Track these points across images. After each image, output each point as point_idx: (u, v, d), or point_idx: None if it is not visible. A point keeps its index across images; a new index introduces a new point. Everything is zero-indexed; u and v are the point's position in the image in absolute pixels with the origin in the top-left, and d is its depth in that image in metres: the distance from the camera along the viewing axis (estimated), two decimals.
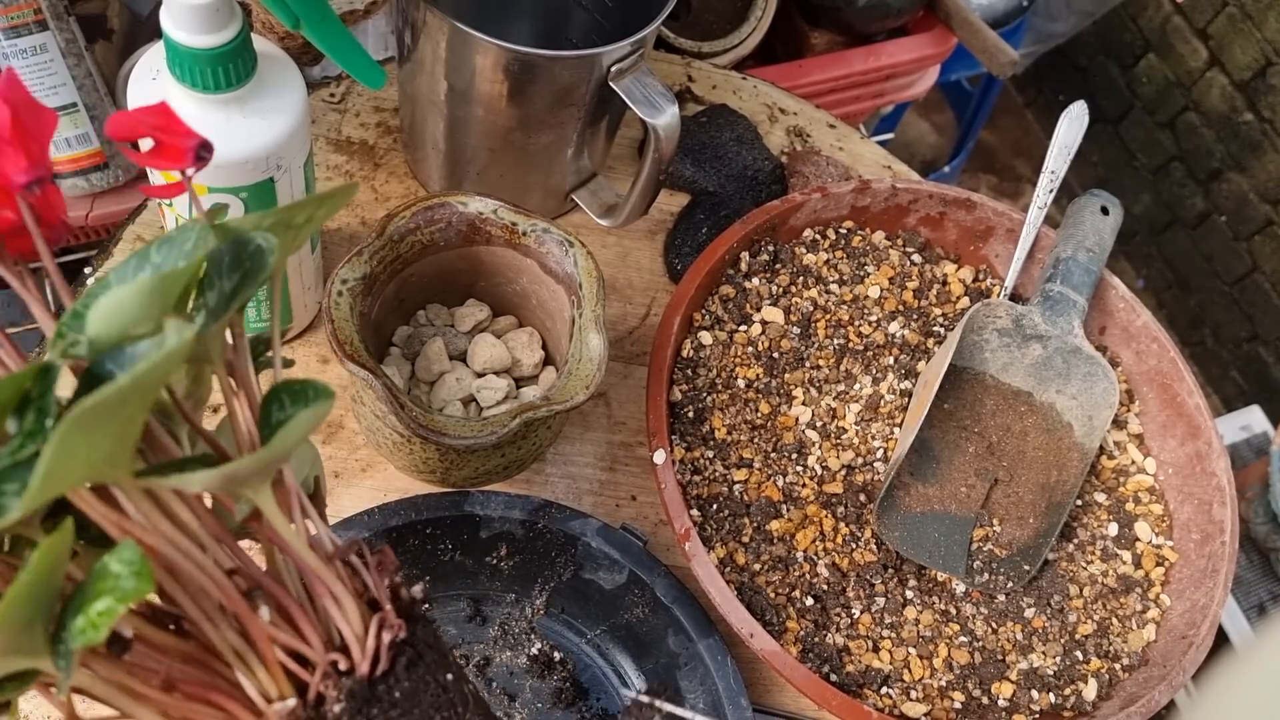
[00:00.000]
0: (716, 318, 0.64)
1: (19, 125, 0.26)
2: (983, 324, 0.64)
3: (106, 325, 0.24)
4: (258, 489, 0.26)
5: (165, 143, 0.30)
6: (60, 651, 0.23)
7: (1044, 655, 0.58)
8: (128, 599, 0.23)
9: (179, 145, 0.29)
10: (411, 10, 0.60)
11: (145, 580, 0.23)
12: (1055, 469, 0.63)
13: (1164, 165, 1.76)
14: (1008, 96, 2.03)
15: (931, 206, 0.69)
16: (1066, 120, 0.68)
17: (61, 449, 0.21)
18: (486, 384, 0.60)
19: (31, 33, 0.66)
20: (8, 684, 0.25)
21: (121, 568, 0.23)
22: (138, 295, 0.24)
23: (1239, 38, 1.56)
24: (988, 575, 0.60)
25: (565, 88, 0.61)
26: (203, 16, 0.45)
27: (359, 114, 0.76)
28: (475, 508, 0.55)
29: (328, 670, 0.29)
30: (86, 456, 0.22)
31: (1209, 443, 0.62)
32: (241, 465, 0.24)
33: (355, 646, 0.29)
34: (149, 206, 0.69)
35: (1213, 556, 0.59)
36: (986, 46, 0.99)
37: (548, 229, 0.57)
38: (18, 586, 0.22)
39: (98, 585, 0.23)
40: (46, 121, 0.27)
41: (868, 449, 0.62)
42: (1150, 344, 0.65)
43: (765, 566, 0.57)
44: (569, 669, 0.56)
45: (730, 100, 0.83)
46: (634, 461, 0.66)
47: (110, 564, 0.23)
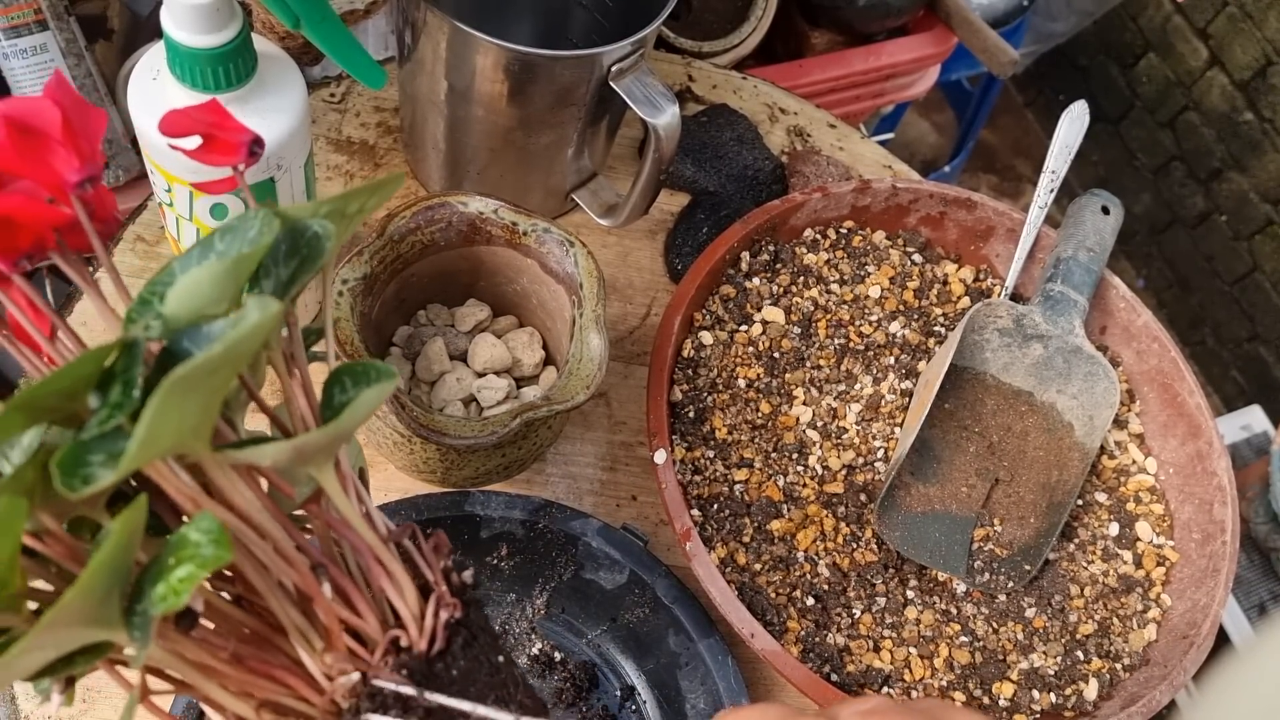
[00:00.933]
0: (717, 317, 0.64)
1: (69, 125, 0.27)
2: (983, 324, 0.64)
3: (182, 305, 0.25)
4: (322, 466, 0.27)
5: (218, 138, 0.30)
6: (135, 622, 0.24)
7: (1045, 655, 0.58)
8: (208, 565, 0.24)
9: (232, 140, 0.30)
10: (412, 10, 0.60)
11: (225, 547, 0.24)
12: (1056, 469, 0.63)
13: (1164, 165, 1.76)
14: (1008, 96, 2.03)
15: (932, 206, 0.69)
16: (1067, 120, 0.68)
17: (159, 413, 0.22)
18: (487, 384, 0.60)
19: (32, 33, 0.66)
20: (79, 657, 0.25)
21: (200, 536, 0.24)
22: (213, 277, 0.25)
23: (1239, 37, 1.56)
24: (988, 575, 0.60)
25: (566, 87, 0.61)
26: (203, 16, 0.45)
27: (359, 114, 0.76)
28: (476, 508, 0.55)
29: (387, 647, 0.29)
30: (177, 425, 0.23)
31: (1210, 442, 0.62)
32: (311, 438, 0.25)
33: (412, 625, 0.30)
34: (149, 206, 0.69)
35: (1213, 556, 0.59)
36: (987, 46, 0.99)
37: (548, 229, 0.57)
38: (102, 554, 0.22)
39: (178, 554, 0.24)
40: (96, 120, 0.28)
41: (868, 449, 0.62)
42: (1151, 344, 0.65)
43: (766, 566, 0.57)
44: (569, 669, 0.56)
45: (730, 100, 0.83)
46: (634, 461, 0.66)
47: (189, 534, 0.24)
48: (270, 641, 0.29)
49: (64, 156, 0.27)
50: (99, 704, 0.54)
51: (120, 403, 0.24)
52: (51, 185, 0.27)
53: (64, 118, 0.26)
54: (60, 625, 0.23)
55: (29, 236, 0.26)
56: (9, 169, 0.26)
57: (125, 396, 0.24)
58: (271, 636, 0.29)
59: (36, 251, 0.27)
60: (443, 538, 0.32)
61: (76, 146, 0.27)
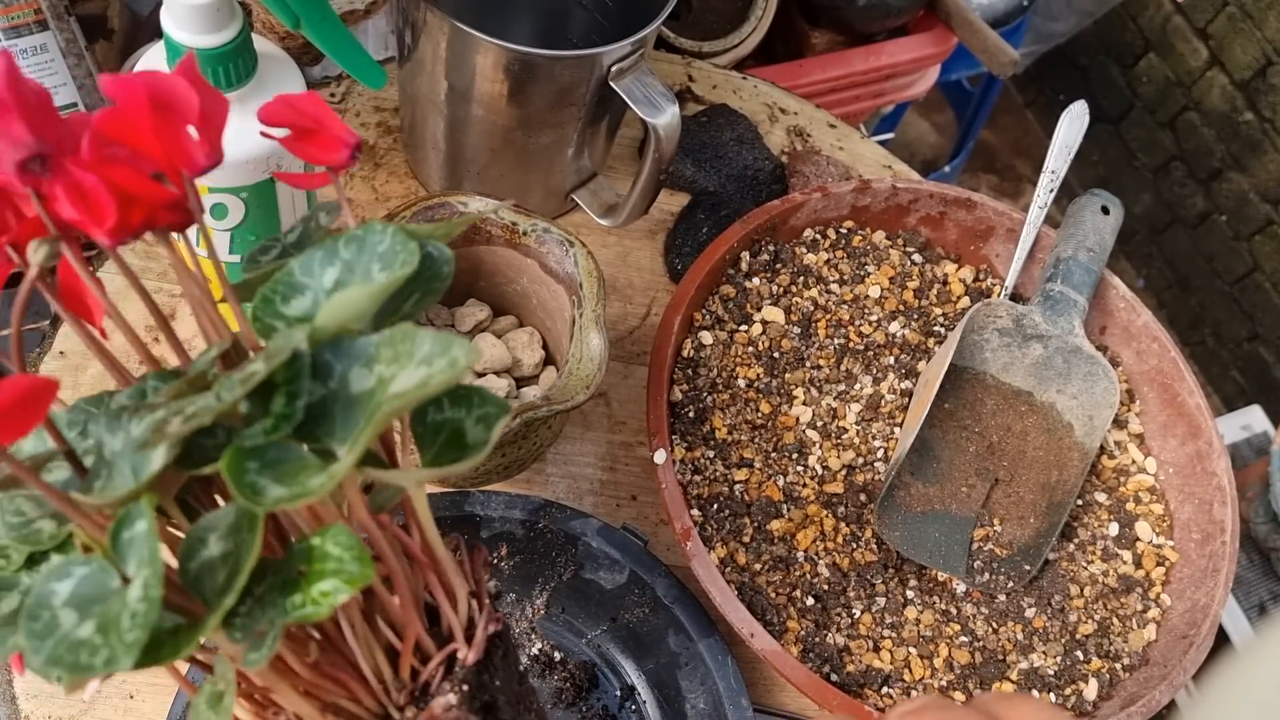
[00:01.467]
0: (717, 317, 0.64)
1: (204, 110, 0.27)
2: (983, 324, 0.64)
3: (333, 318, 0.25)
4: (419, 486, 0.28)
5: (318, 134, 0.30)
6: (237, 624, 0.24)
7: (1044, 655, 0.58)
8: (355, 582, 0.24)
9: (335, 138, 0.30)
10: (412, 10, 0.60)
11: (368, 565, 0.24)
12: (1056, 469, 0.63)
13: (1164, 165, 1.76)
14: (1008, 96, 2.03)
15: (932, 206, 0.69)
16: (1067, 120, 0.68)
17: (369, 437, 0.23)
18: (487, 384, 0.60)
19: (32, 32, 0.66)
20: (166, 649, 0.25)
21: (342, 551, 0.24)
22: (365, 297, 0.25)
23: (1239, 37, 1.56)
24: (988, 575, 0.60)
25: (565, 87, 0.61)
26: (203, 16, 0.45)
27: (359, 114, 0.76)
28: (475, 507, 0.55)
29: (443, 660, 0.30)
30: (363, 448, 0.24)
31: (1209, 442, 0.62)
32: (459, 468, 0.26)
33: (461, 636, 0.30)
34: None
35: (1213, 556, 0.59)
36: (987, 46, 0.99)
37: (548, 229, 0.57)
38: (242, 576, 0.23)
39: (315, 566, 0.25)
40: (221, 108, 0.28)
41: (868, 449, 0.62)
42: (1151, 344, 0.65)
43: (766, 566, 0.57)
44: (569, 669, 0.56)
45: (730, 100, 0.83)
46: (634, 461, 0.66)
47: (327, 547, 0.25)
48: (335, 645, 0.29)
49: (196, 140, 0.27)
50: (99, 704, 0.54)
51: (287, 414, 0.25)
52: (174, 165, 0.27)
53: (201, 103, 0.26)
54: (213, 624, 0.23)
55: (142, 213, 0.26)
56: (137, 141, 0.26)
57: (290, 408, 0.25)
58: (337, 639, 0.29)
59: (144, 228, 0.27)
60: (483, 550, 0.33)
61: (207, 132, 0.27)
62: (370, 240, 0.27)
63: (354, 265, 0.27)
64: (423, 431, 0.27)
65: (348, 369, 0.25)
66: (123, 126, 0.26)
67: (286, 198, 0.55)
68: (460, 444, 0.26)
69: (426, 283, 0.29)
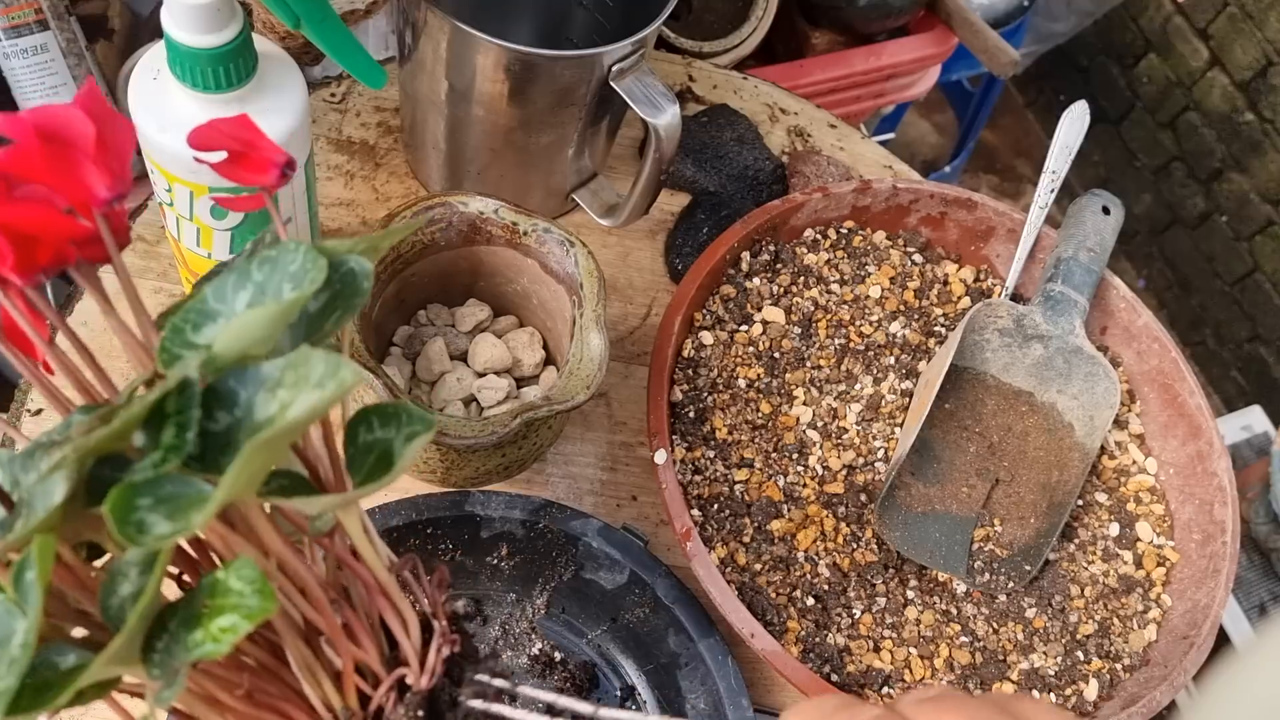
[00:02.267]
0: (717, 318, 0.64)
1: (103, 141, 0.26)
2: (984, 324, 0.64)
3: (232, 345, 0.24)
4: (350, 508, 0.27)
5: (248, 156, 0.30)
6: (155, 660, 0.24)
7: (1045, 655, 0.58)
8: (254, 617, 0.23)
9: (265, 159, 0.30)
10: (412, 10, 0.60)
11: (269, 599, 0.23)
12: (1056, 469, 0.63)
13: (1165, 165, 1.76)
14: (1008, 96, 2.03)
15: (932, 206, 0.69)
16: (1067, 120, 0.68)
17: (242, 472, 0.22)
18: (487, 384, 0.60)
19: (32, 32, 0.66)
20: (90, 691, 0.25)
21: (244, 585, 0.24)
22: (267, 320, 0.24)
23: (1240, 37, 1.56)
24: (989, 575, 0.60)
25: (566, 87, 0.61)
26: (204, 16, 0.45)
27: (360, 114, 0.76)
28: (476, 507, 0.55)
29: (393, 684, 0.29)
30: (248, 479, 0.23)
31: (1210, 443, 0.62)
32: (360, 492, 0.25)
33: (414, 661, 0.30)
34: (149, 207, 0.69)
35: (1214, 557, 0.59)
36: (987, 46, 0.99)
37: (549, 229, 0.57)
38: (142, 604, 0.22)
39: (216, 601, 0.24)
40: (126, 135, 0.27)
41: (869, 449, 0.62)
42: (1151, 344, 0.65)
43: (766, 566, 0.57)
44: (570, 669, 0.56)
45: (731, 100, 0.83)
46: (635, 461, 0.66)
47: (229, 581, 0.24)
48: (275, 674, 0.29)
49: (95, 173, 0.26)
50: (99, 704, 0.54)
51: (176, 445, 0.24)
52: (77, 199, 0.26)
53: (99, 133, 0.26)
54: (110, 664, 0.23)
55: (49, 251, 0.26)
56: (35, 179, 0.26)
57: (180, 439, 0.24)
58: (276, 669, 0.29)
59: (54, 265, 0.26)
60: (444, 571, 0.32)
61: (107, 163, 0.26)
62: (283, 261, 0.26)
63: (266, 287, 0.26)
64: (354, 453, 0.27)
65: (252, 396, 0.24)
66: (21, 164, 0.25)
67: (287, 199, 0.55)
68: (389, 463, 0.26)
69: (347, 299, 0.28)
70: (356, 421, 0.27)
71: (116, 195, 0.26)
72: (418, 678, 0.30)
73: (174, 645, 0.24)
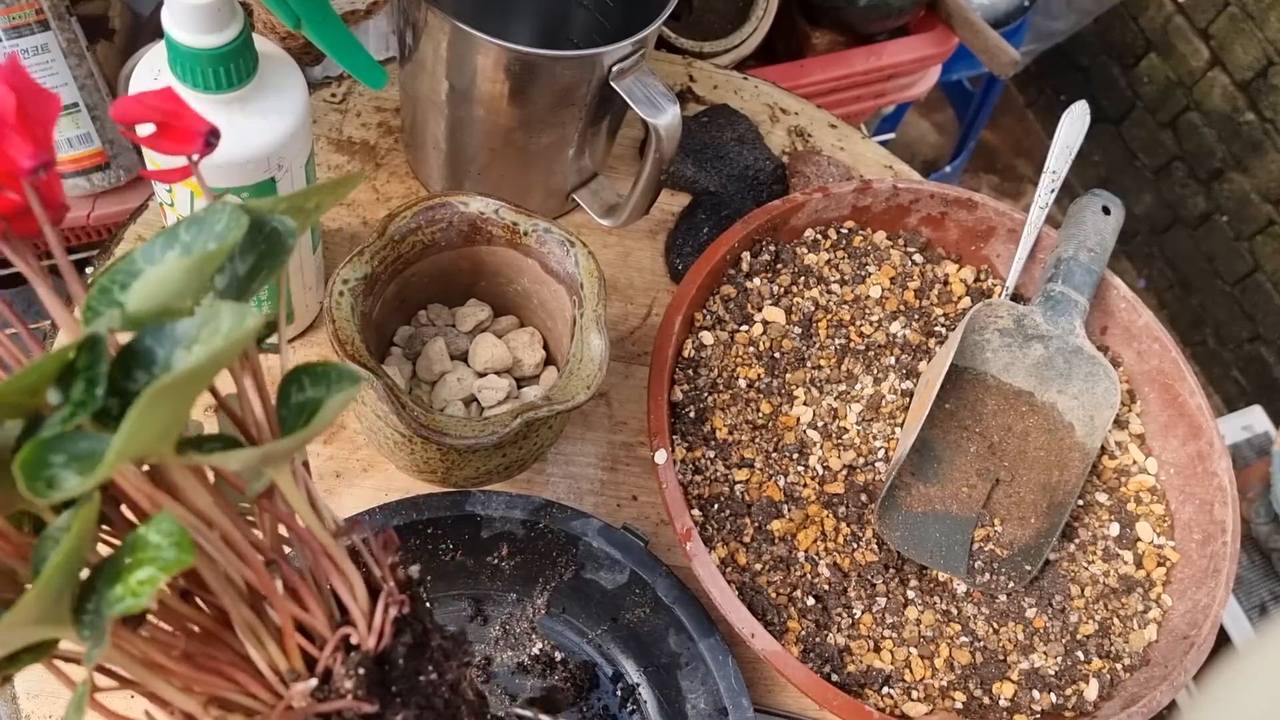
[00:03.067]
0: (718, 318, 0.64)
1: (24, 111, 0.26)
2: (984, 324, 0.64)
3: (147, 300, 0.24)
4: (280, 467, 0.27)
5: (173, 126, 0.30)
6: (86, 621, 0.24)
7: (1045, 655, 0.58)
8: (170, 568, 0.23)
9: (188, 129, 0.30)
10: (413, 10, 0.60)
11: (186, 550, 0.23)
12: (1057, 469, 0.63)
13: (1165, 165, 1.76)
14: (1009, 96, 2.03)
15: (933, 206, 0.69)
16: (1068, 120, 0.68)
17: (139, 422, 0.21)
18: (488, 384, 0.60)
19: (33, 32, 0.66)
20: (24, 655, 0.25)
21: (161, 539, 0.24)
22: (180, 273, 0.24)
23: (1240, 37, 1.56)
24: (989, 575, 0.60)
25: (566, 88, 0.61)
26: (204, 16, 0.45)
27: (360, 114, 0.76)
28: (476, 507, 0.55)
29: (338, 644, 0.29)
30: (152, 431, 0.23)
31: (1210, 443, 0.62)
32: (280, 445, 0.25)
33: (361, 622, 0.30)
34: (150, 207, 0.69)
35: (1214, 556, 0.59)
36: (988, 46, 0.99)
37: (549, 229, 0.57)
38: (60, 555, 0.22)
39: (136, 555, 0.24)
40: (50, 106, 0.27)
41: (869, 449, 0.62)
42: (1152, 344, 0.65)
43: (766, 566, 0.57)
44: (570, 669, 0.56)
45: (731, 100, 0.83)
46: (635, 461, 0.66)
47: (148, 535, 0.24)
48: (218, 637, 0.29)
49: (17, 143, 0.26)
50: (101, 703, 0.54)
51: (83, 401, 0.24)
52: (2, 171, 0.26)
53: (19, 103, 0.26)
54: (20, 623, 0.23)
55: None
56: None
57: (88, 395, 0.24)
58: (219, 632, 0.29)
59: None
60: (391, 534, 0.32)
61: (30, 132, 0.26)
62: (209, 221, 0.26)
63: (192, 247, 0.26)
64: (287, 414, 0.27)
65: (169, 354, 0.24)
66: None
67: None
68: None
69: (273, 259, 0.28)
70: (288, 382, 0.27)
71: (41, 164, 0.26)
72: (363, 637, 0.30)
73: (100, 603, 0.24)
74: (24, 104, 0.26)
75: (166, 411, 0.23)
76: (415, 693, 0.30)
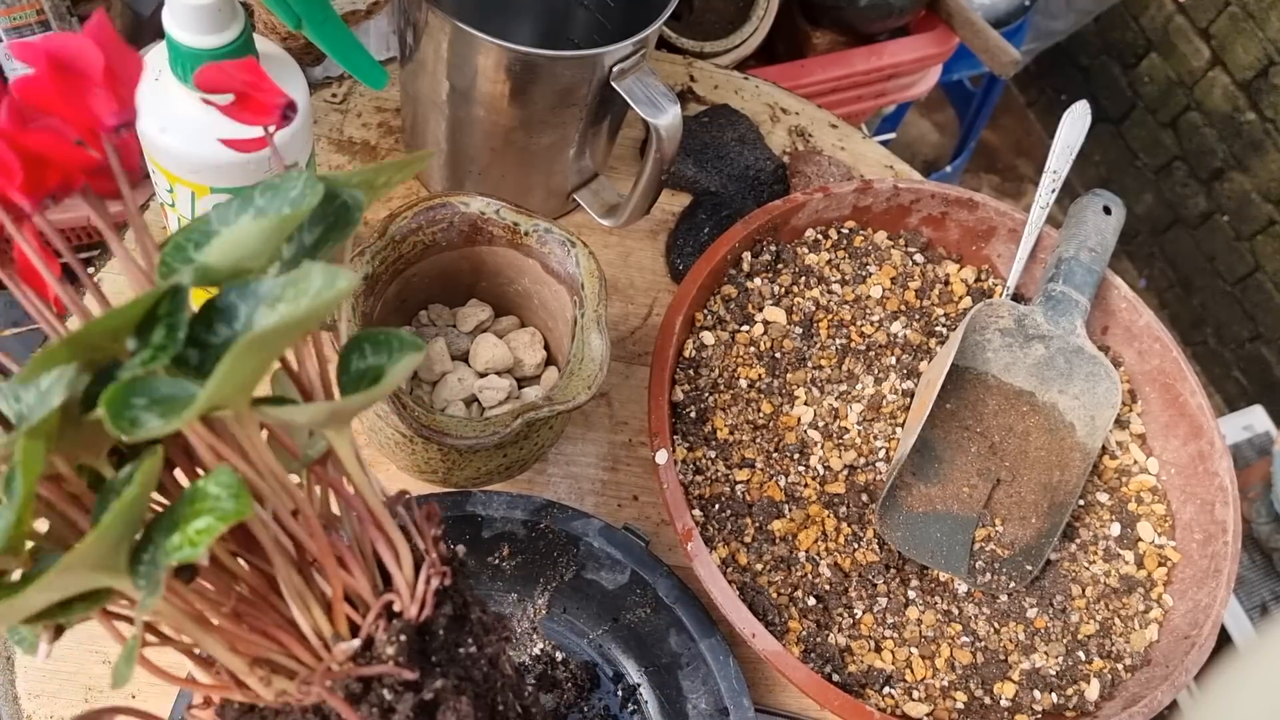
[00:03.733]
0: (718, 318, 0.64)
1: (110, 69, 0.27)
2: (985, 324, 0.64)
3: (225, 257, 0.25)
4: (340, 430, 0.28)
5: (252, 97, 0.31)
6: (142, 571, 0.24)
7: (1046, 655, 0.58)
8: (228, 518, 0.24)
9: (267, 101, 0.31)
10: (413, 10, 0.60)
11: (244, 503, 0.24)
12: (1058, 469, 0.63)
13: (1166, 165, 1.76)
14: (1010, 96, 2.03)
15: (933, 206, 0.69)
16: (1069, 120, 0.68)
17: (234, 368, 0.22)
18: (488, 384, 0.60)
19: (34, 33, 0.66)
20: (78, 603, 0.26)
21: (219, 490, 0.24)
22: (256, 234, 0.25)
23: (1241, 37, 1.56)
24: (990, 575, 0.60)
25: (567, 88, 0.61)
26: (205, 17, 0.45)
27: (361, 114, 0.76)
28: (477, 508, 0.55)
29: (381, 611, 0.30)
30: (239, 381, 0.23)
31: (1211, 442, 0.62)
32: (349, 402, 0.26)
33: (405, 590, 0.30)
34: (151, 206, 0.69)
35: (1215, 556, 0.59)
36: (988, 46, 0.99)
37: (550, 229, 0.57)
38: (124, 501, 0.23)
39: (195, 506, 0.24)
40: (134, 66, 0.28)
41: (870, 449, 0.62)
42: (1152, 344, 0.65)
43: (767, 566, 0.57)
44: (571, 669, 0.56)
45: (732, 100, 0.83)
46: (636, 461, 0.66)
47: (207, 487, 0.25)
48: (264, 599, 0.29)
49: (103, 99, 0.27)
50: (101, 702, 0.54)
51: (164, 345, 0.24)
52: (85, 127, 0.27)
53: (106, 61, 0.27)
54: (73, 569, 0.23)
55: (57, 175, 0.26)
56: (46, 107, 0.26)
57: (170, 339, 0.24)
58: (266, 594, 0.29)
59: (62, 191, 0.27)
60: (434, 507, 0.32)
61: (115, 90, 0.27)
62: (284, 187, 0.27)
63: (266, 210, 0.27)
64: (347, 380, 0.27)
65: (253, 310, 0.25)
66: (35, 92, 0.26)
67: None
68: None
69: (340, 230, 0.29)
70: (350, 350, 0.28)
71: (123, 122, 0.27)
72: (406, 605, 0.30)
73: (156, 553, 0.25)
74: (111, 62, 0.27)
75: (253, 364, 0.23)
76: (454, 664, 0.31)
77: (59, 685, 0.54)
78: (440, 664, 0.30)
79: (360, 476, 0.29)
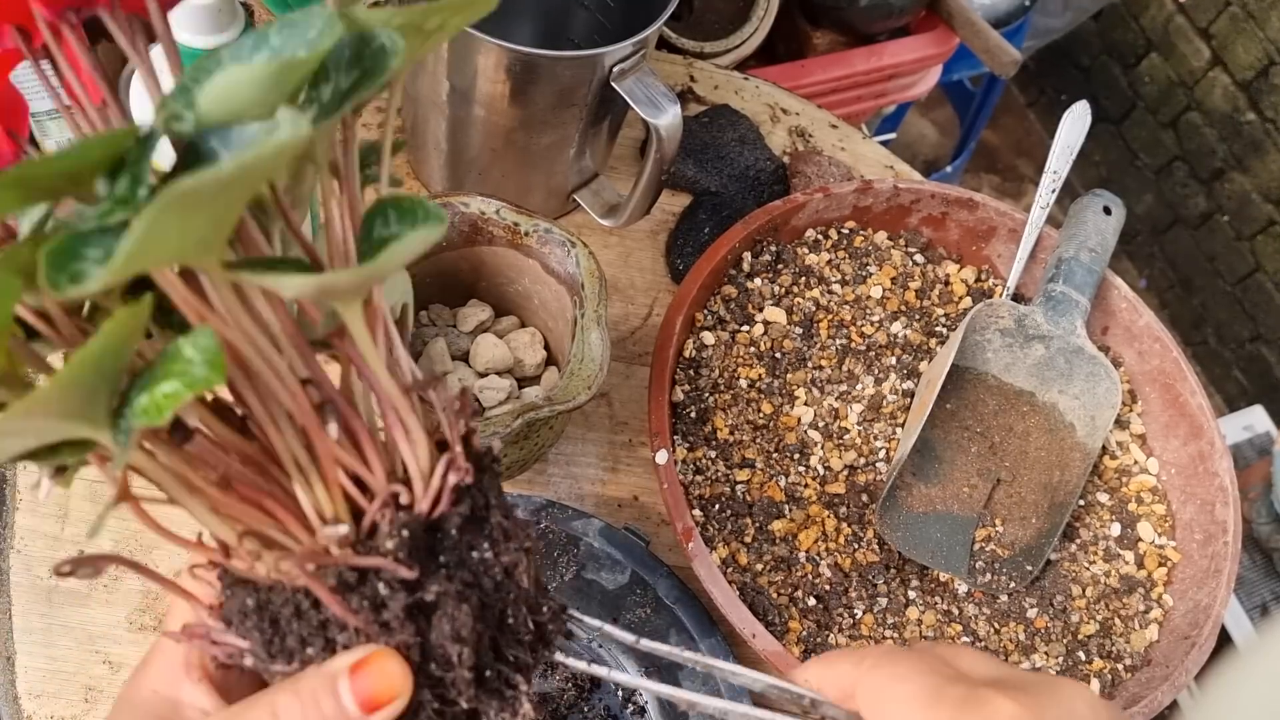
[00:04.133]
0: (719, 318, 0.64)
1: None
2: (985, 324, 0.64)
3: (218, 105, 0.22)
4: (349, 305, 0.25)
5: None
6: (120, 427, 0.23)
7: (1046, 655, 0.58)
8: (195, 386, 0.22)
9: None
10: None
11: (216, 370, 0.22)
12: (1058, 469, 0.63)
13: (1166, 165, 1.76)
14: (1010, 96, 2.03)
15: (934, 206, 0.69)
16: (1069, 120, 0.68)
17: (153, 228, 0.20)
18: (489, 384, 0.60)
19: None
20: (65, 449, 0.24)
21: (195, 353, 0.22)
22: (256, 79, 0.22)
23: (1241, 37, 1.56)
24: (990, 575, 0.60)
25: (567, 88, 0.61)
26: (205, 17, 0.45)
27: (360, 114, 0.76)
28: None
29: (387, 500, 0.27)
30: (179, 239, 0.21)
31: (1211, 443, 0.62)
32: (339, 278, 0.23)
33: (419, 483, 0.28)
34: None
35: (1215, 556, 0.59)
36: (988, 46, 0.99)
37: (550, 229, 0.57)
38: (86, 351, 0.21)
39: (168, 366, 0.22)
40: None
41: (870, 449, 0.62)
42: (1153, 344, 0.65)
43: (767, 567, 0.57)
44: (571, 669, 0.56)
45: (732, 100, 0.83)
46: (636, 461, 0.66)
47: (184, 347, 0.22)
48: (267, 471, 0.27)
49: None
50: (102, 702, 0.54)
51: (126, 198, 0.22)
52: None
53: None
54: (38, 414, 0.21)
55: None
56: None
57: (130, 193, 0.22)
58: (268, 466, 0.27)
59: (85, 2, 0.24)
60: (469, 397, 0.29)
61: None
62: (303, 26, 0.24)
63: (281, 51, 0.24)
64: (366, 249, 0.25)
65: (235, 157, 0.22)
66: None
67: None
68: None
69: (369, 78, 0.25)
70: (372, 214, 0.25)
71: None
72: (417, 498, 0.27)
73: (128, 411, 0.23)
74: None
75: (200, 219, 0.21)
76: (463, 567, 0.28)
77: (59, 685, 0.54)
78: (447, 565, 0.28)
79: (373, 355, 0.26)
